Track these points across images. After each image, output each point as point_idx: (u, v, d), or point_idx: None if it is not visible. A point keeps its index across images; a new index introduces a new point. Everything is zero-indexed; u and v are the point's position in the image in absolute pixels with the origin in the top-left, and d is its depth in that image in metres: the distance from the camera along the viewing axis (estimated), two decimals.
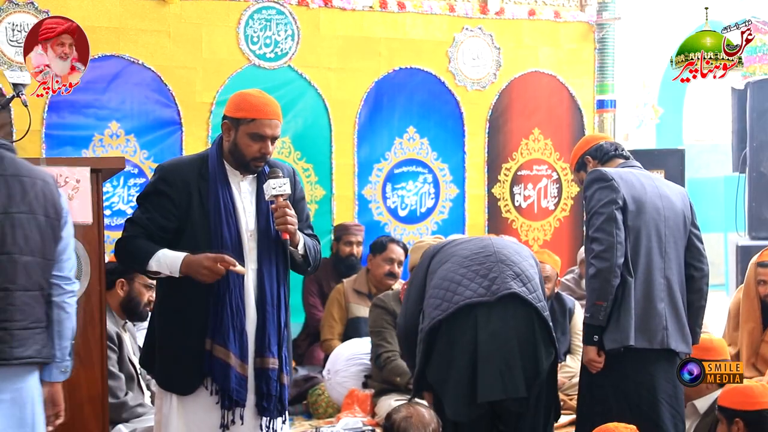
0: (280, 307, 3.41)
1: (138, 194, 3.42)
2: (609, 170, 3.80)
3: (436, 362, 3.62)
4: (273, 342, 3.36)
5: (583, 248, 6.68)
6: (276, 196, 3.30)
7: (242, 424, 3.35)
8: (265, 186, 3.35)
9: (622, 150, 4.06)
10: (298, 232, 3.40)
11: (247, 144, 3.33)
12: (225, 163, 3.39)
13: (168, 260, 3.23)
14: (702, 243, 3.94)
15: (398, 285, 5.57)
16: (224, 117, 3.40)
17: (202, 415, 3.32)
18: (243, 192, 3.40)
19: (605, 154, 4.02)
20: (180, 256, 3.23)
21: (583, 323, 3.71)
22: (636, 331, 3.62)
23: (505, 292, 3.59)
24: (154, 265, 3.22)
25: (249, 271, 3.35)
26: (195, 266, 3.21)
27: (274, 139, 3.37)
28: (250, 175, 3.43)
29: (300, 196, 3.55)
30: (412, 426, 3.14)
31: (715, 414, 3.88)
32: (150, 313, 3.49)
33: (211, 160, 3.37)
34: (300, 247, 3.43)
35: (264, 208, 3.39)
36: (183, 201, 3.29)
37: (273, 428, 3.42)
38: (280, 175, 3.35)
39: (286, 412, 3.50)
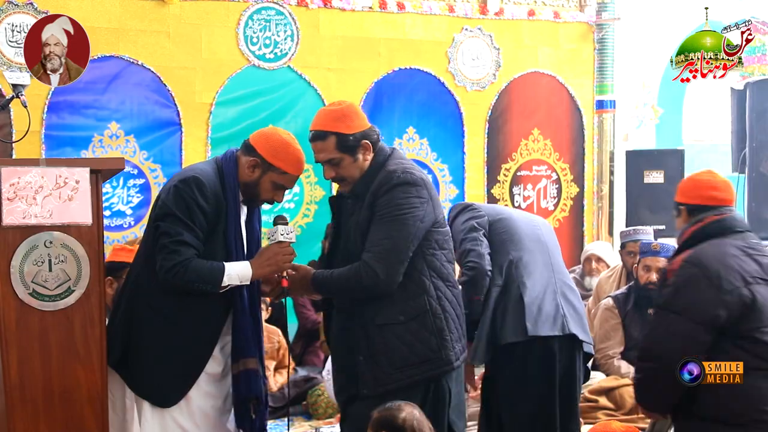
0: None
1: (175, 206, 3.24)
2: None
3: None
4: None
5: (587, 246, 6.68)
6: (282, 242, 3.34)
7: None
8: (271, 230, 3.38)
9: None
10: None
11: (268, 189, 3.38)
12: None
13: (236, 271, 3.26)
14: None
15: None
16: (255, 151, 3.33)
17: (190, 426, 3.32)
18: (244, 218, 3.46)
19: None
20: (245, 264, 3.29)
21: None
22: None
23: None
24: (226, 280, 3.24)
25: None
26: (263, 261, 3.30)
27: None
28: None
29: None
30: (423, 423, 3.09)
31: None
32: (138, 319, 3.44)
33: (229, 182, 3.34)
34: None
35: (255, 236, 3.47)
36: (213, 218, 3.29)
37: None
38: (288, 222, 3.41)
39: None
